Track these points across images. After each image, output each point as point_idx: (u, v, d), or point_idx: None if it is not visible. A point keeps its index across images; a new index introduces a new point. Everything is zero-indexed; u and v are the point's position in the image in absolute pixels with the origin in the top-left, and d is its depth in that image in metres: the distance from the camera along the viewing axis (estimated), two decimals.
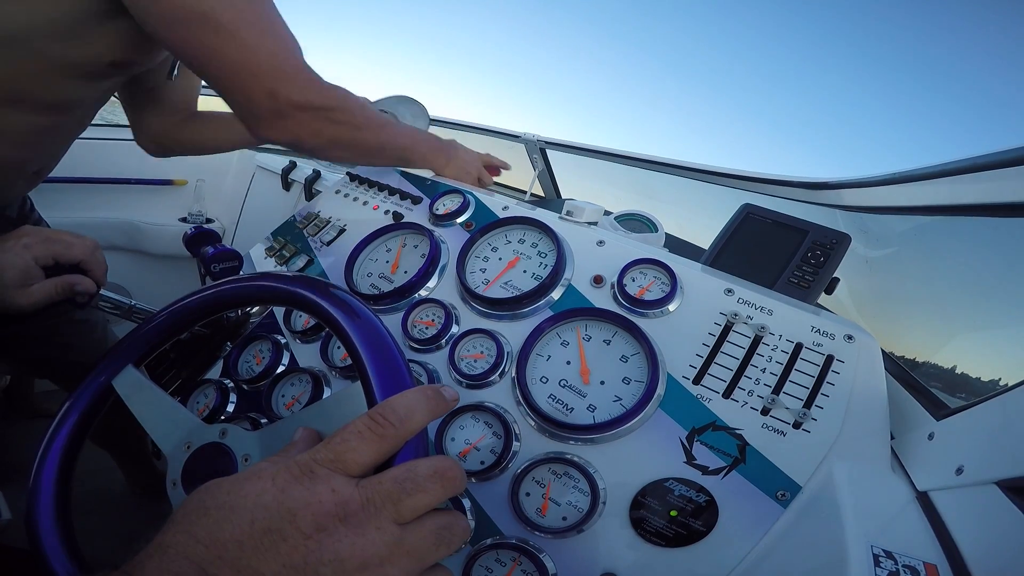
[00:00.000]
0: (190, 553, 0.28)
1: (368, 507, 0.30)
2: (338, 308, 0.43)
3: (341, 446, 0.32)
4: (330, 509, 0.30)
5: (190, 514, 0.30)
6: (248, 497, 0.30)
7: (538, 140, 1.93)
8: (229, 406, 0.67)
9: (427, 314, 0.70)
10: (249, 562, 0.28)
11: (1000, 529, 0.39)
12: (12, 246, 0.60)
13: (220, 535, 0.28)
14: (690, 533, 0.49)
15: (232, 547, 0.28)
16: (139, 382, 0.49)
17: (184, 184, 2.16)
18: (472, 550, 0.51)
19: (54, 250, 0.62)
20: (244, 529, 0.29)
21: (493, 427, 0.58)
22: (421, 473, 0.32)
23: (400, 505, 0.31)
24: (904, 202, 0.94)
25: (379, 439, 0.33)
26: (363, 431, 0.33)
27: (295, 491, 0.30)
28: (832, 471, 0.50)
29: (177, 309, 0.51)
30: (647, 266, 0.66)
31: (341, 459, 0.32)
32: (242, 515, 0.29)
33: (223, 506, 0.30)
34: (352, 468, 0.32)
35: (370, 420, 0.33)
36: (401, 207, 0.87)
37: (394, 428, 0.33)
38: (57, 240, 0.63)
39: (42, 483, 0.46)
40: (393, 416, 0.34)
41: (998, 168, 0.63)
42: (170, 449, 0.46)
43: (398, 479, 0.32)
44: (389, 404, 0.34)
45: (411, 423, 0.34)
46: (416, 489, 0.32)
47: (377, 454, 0.33)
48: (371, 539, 0.30)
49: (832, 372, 0.55)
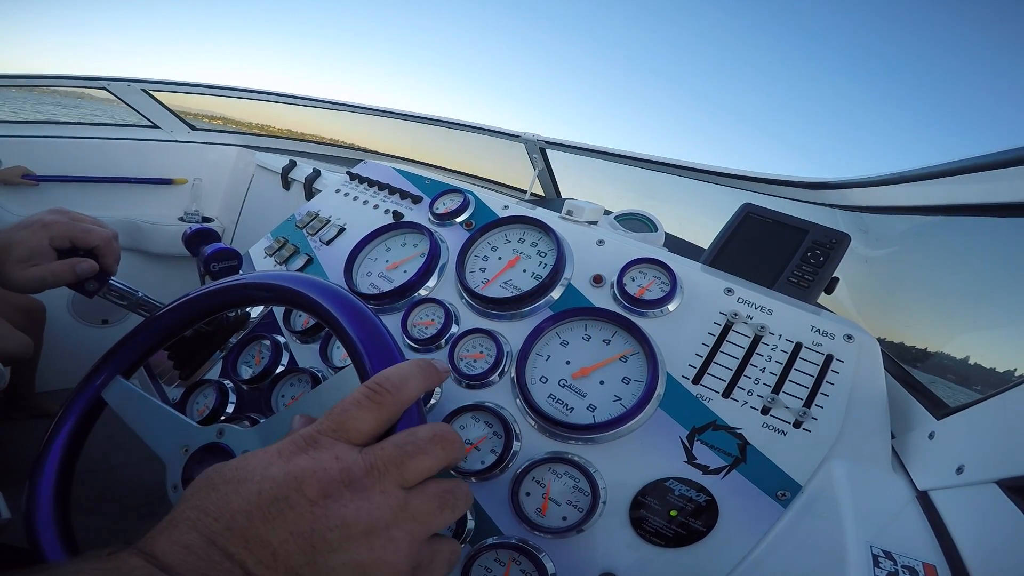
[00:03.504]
0: (200, 526, 0.28)
1: (372, 472, 0.31)
2: (324, 296, 0.44)
3: (342, 415, 0.33)
4: (335, 476, 0.30)
5: (199, 491, 0.30)
6: (255, 470, 0.30)
7: (538, 140, 1.93)
8: (229, 406, 0.67)
9: (427, 314, 0.70)
10: (257, 531, 0.28)
11: (1000, 529, 0.39)
12: (33, 223, 0.62)
13: (229, 506, 0.29)
14: (690, 533, 0.49)
15: (241, 517, 0.28)
16: (129, 392, 0.49)
17: (184, 183, 2.16)
18: (472, 550, 0.51)
19: (72, 233, 0.63)
20: (252, 499, 0.29)
21: (493, 427, 0.58)
22: (422, 437, 0.33)
23: (403, 468, 0.31)
24: (904, 202, 0.94)
25: (377, 406, 0.33)
26: (361, 400, 0.33)
27: (300, 460, 0.30)
28: (832, 471, 0.50)
29: (152, 321, 0.51)
30: (647, 266, 0.66)
31: (343, 428, 0.32)
32: (249, 487, 0.29)
33: (231, 480, 0.30)
34: (354, 436, 0.32)
35: (367, 390, 0.34)
36: (401, 206, 0.86)
37: (391, 395, 0.34)
38: (78, 225, 0.64)
39: (42, 482, 0.46)
40: (389, 384, 0.34)
41: (998, 168, 0.63)
42: (167, 454, 0.46)
43: (399, 444, 0.32)
44: (383, 374, 0.35)
45: (407, 390, 0.35)
46: (418, 452, 0.32)
47: (377, 421, 0.33)
48: (376, 503, 0.30)
49: (832, 372, 0.55)
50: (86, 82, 2.04)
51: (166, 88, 2.12)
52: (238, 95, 2.32)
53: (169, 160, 2.15)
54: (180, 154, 2.18)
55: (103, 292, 0.67)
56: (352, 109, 2.36)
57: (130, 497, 1.59)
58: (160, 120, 2.18)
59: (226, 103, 2.37)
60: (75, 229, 0.63)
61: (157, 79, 2.09)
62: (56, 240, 0.62)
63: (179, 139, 2.23)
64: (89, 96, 2.27)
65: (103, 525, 1.45)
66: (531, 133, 1.93)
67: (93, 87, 2.05)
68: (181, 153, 2.19)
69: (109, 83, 2.03)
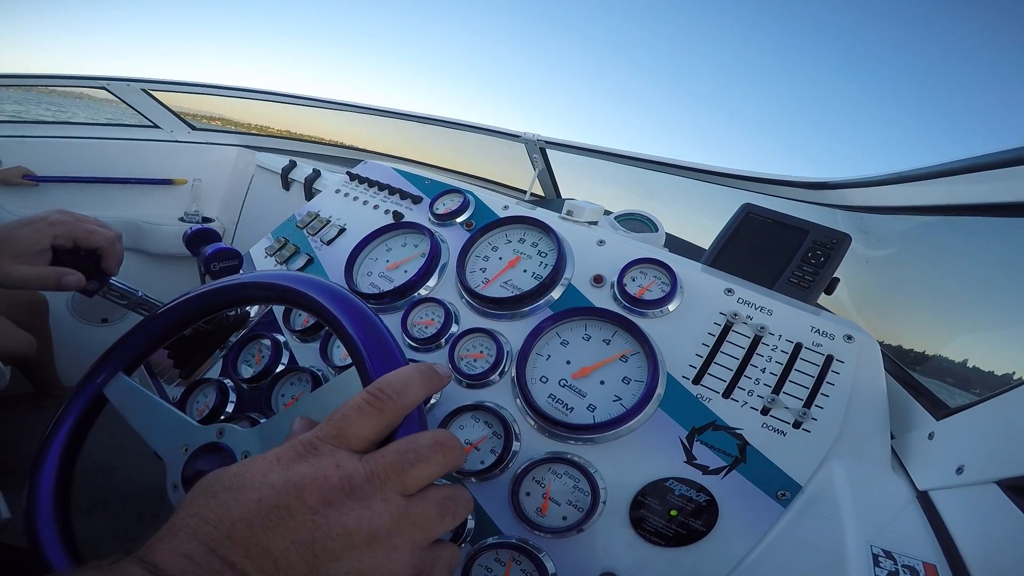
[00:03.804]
0: (200, 534, 0.28)
1: (373, 480, 0.30)
2: (327, 296, 0.43)
3: (342, 422, 0.32)
4: (336, 483, 0.30)
5: (199, 498, 0.30)
6: (254, 477, 0.30)
7: (538, 140, 1.93)
8: (229, 406, 0.67)
9: (427, 313, 0.70)
10: (258, 540, 0.28)
11: (1000, 529, 0.39)
12: (38, 220, 0.62)
13: (229, 515, 0.28)
14: (690, 533, 0.49)
15: (241, 526, 0.28)
16: (131, 389, 0.49)
17: (184, 183, 2.16)
18: (472, 550, 0.51)
19: (76, 234, 0.63)
20: (252, 508, 0.29)
21: (493, 427, 0.58)
22: (423, 444, 0.33)
23: (404, 476, 0.31)
24: (904, 202, 0.94)
25: (378, 412, 0.33)
26: (362, 406, 0.33)
27: (300, 468, 0.30)
28: (832, 471, 0.50)
29: (151, 319, 0.51)
30: (647, 266, 0.66)
31: (343, 434, 0.32)
32: (249, 494, 0.29)
33: (230, 487, 0.30)
34: (355, 443, 0.32)
35: (368, 395, 0.34)
36: (401, 206, 0.87)
37: (392, 401, 0.33)
38: (82, 225, 0.64)
39: (42, 482, 0.46)
40: (390, 389, 0.34)
41: (998, 168, 0.63)
42: (168, 453, 0.46)
43: (400, 451, 0.32)
44: (385, 379, 0.35)
45: (408, 396, 0.34)
46: (419, 459, 0.32)
47: (378, 427, 0.33)
48: (377, 511, 0.30)
49: (832, 372, 0.55)
50: (86, 82, 2.03)
51: (166, 88, 2.12)
52: (238, 95, 2.32)
53: (169, 160, 2.15)
54: (180, 154, 2.18)
55: (103, 291, 0.67)
56: (352, 109, 2.36)
57: (130, 497, 1.59)
58: (160, 120, 2.18)
59: (226, 103, 2.37)
60: (79, 229, 0.63)
61: (157, 79, 2.09)
62: (59, 239, 0.62)
63: (179, 139, 2.23)
64: (88, 96, 2.27)
65: (103, 525, 1.45)
66: (531, 133, 1.93)
67: (93, 87, 2.05)
68: (181, 153, 2.19)
69: (109, 83, 2.03)
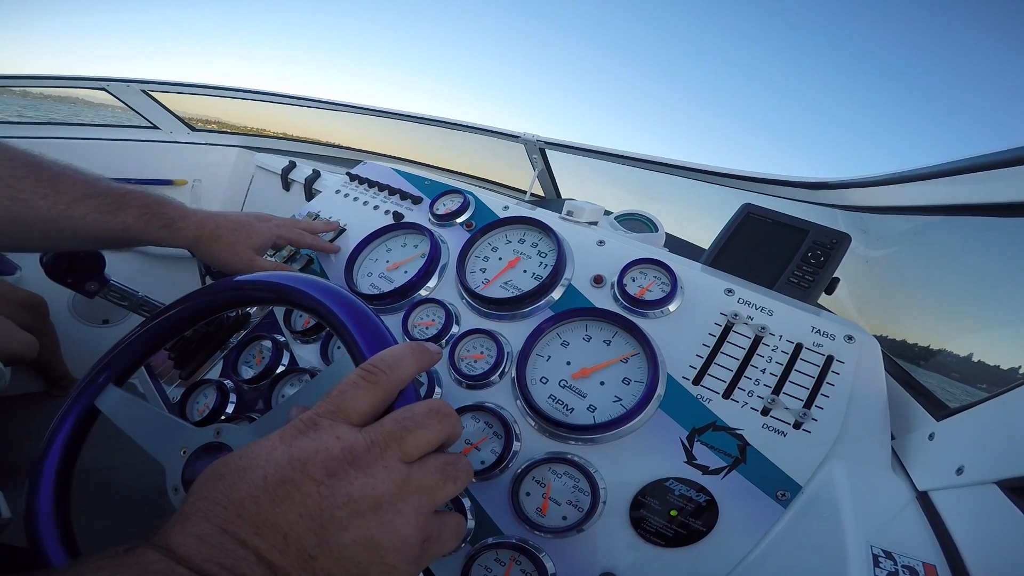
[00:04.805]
0: (211, 516, 0.29)
1: (374, 448, 0.31)
2: (312, 288, 0.44)
3: (340, 397, 0.33)
4: (338, 454, 0.31)
5: (207, 483, 0.31)
6: (259, 456, 0.31)
7: (538, 140, 1.93)
8: (229, 406, 0.67)
9: (427, 314, 0.70)
10: (267, 516, 0.29)
11: (1000, 529, 0.39)
12: (266, 219, 0.77)
13: (237, 494, 0.29)
14: (690, 533, 0.49)
15: (249, 503, 0.29)
16: (123, 399, 0.49)
17: (184, 184, 2.16)
18: (472, 549, 0.51)
19: (292, 236, 0.79)
20: (258, 484, 0.29)
21: (493, 427, 0.58)
22: (419, 412, 0.34)
23: (404, 443, 0.32)
24: (904, 202, 0.94)
25: (373, 386, 0.34)
26: (357, 381, 0.34)
27: (302, 443, 0.31)
28: (832, 471, 0.50)
29: (147, 331, 0.51)
30: (647, 266, 0.66)
31: (341, 408, 0.33)
32: (255, 473, 0.30)
33: (236, 469, 0.31)
34: (353, 416, 0.33)
35: (362, 371, 0.35)
36: (401, 207, 0.87)
37: (386, 375, 0.35)
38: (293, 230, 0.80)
39: (42, 482, 0.46)
40: (383, 364, 0.35)
41: (998, 168, 0.63)
42: (167, 458, 0.46)
43: (398, 419, 0.33)
44: (378, 356, 0.36)
45: (401, 370, 0.36)
46: (416, 426, 0.33)
47: (374, 400, 0.34)
48: (380, 478, 0.31)
49: (832, 372, 0.55)
50: (85, 83, 2.03)
51: (166, 89, 2.12)
52: (238, 96, 2.32)
53: (169, 161, 2.15)
54: (180, 155, 2.18)
55: (104, 292, 0.67)
56: (351, 110, 2.36)
57: (130, 497, 1.59)
58: (160, 121, 2.18)
59: (226, 104, 2.37)
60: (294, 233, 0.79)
61: (157, 80, 2.09)
62: (280, 239, 0.77)
63: (179, 140, 2.23)
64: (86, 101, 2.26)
65: (103, 525, 1.45)
66: (531, 133, 1.93)
67: (92, 87, 2.05)
68: (181, 154, 2.18)
69: (108, 84, 2.03)
